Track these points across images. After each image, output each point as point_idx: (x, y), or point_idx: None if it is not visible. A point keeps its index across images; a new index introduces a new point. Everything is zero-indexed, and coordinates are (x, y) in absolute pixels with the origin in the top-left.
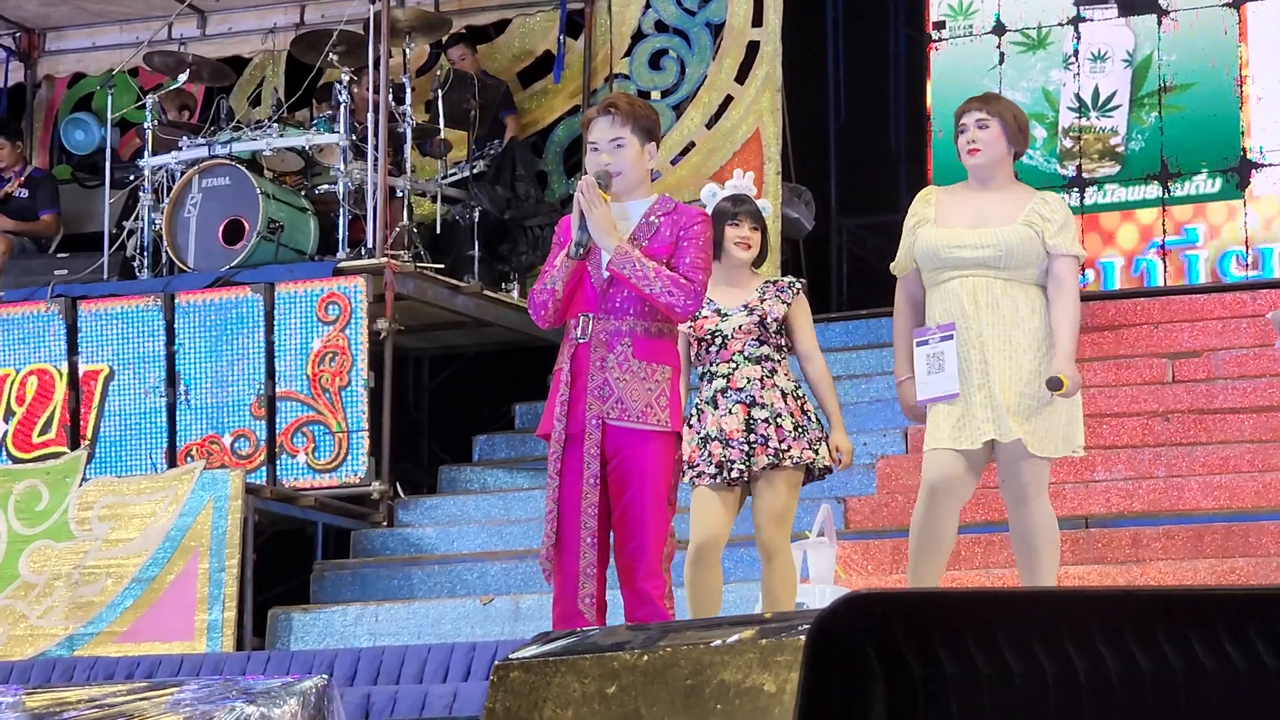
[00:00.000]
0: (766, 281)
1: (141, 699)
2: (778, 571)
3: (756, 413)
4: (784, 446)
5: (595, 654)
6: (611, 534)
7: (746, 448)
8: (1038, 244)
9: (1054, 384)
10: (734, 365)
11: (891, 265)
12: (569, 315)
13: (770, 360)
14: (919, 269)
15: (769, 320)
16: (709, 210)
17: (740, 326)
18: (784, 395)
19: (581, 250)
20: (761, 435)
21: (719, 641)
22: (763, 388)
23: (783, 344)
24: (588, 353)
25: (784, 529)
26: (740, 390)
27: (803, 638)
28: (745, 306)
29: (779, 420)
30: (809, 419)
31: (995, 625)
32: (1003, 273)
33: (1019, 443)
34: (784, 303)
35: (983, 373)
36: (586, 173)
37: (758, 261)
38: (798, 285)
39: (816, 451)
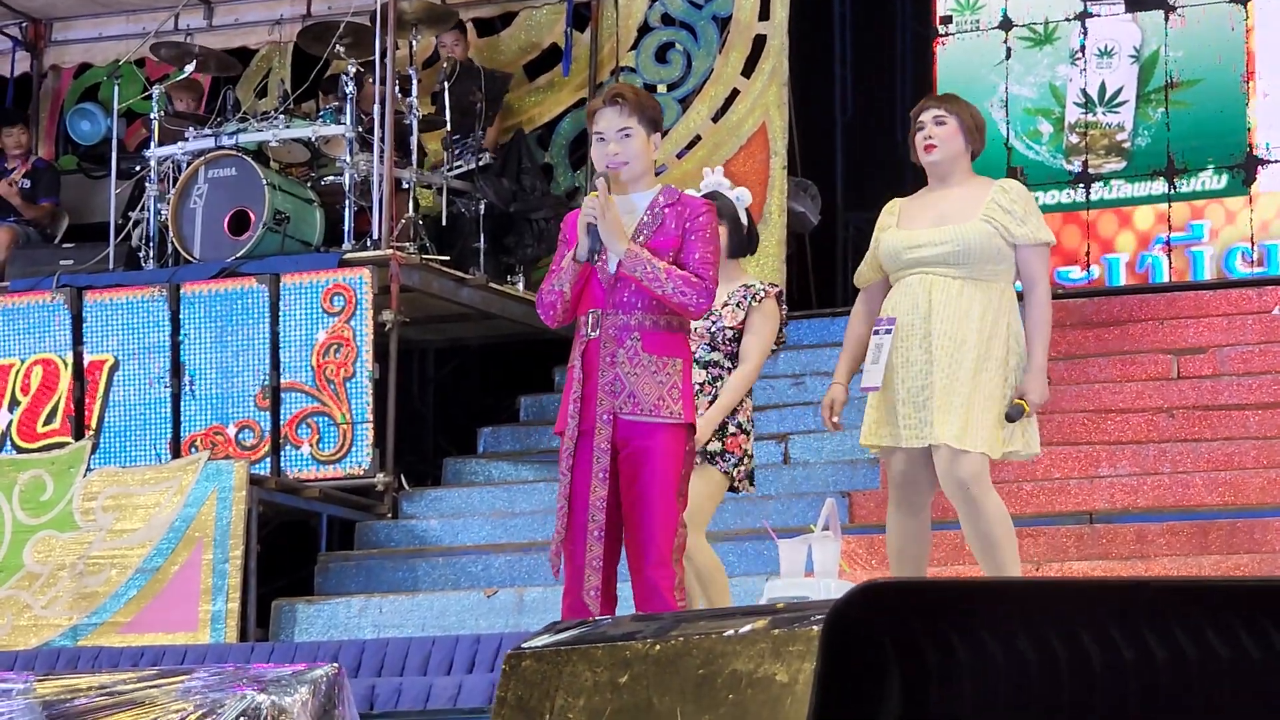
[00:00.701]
0: (745, 285)
1: (152, 686)
2: (692, 564)
3: None
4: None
5: (607, 643)
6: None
7: None
8: (998, 240)
9: (1014, 413)
10: None
11: (854, 277)
12: (578, 313)
13: (718, 367)
14: (882, 280)
15: (717, 329)
16: None
17: (696, 329)
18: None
19: (594, 256)
20: None
21: (731, 631)
22: (700, 393)
23: (737, 352)
24: (598, 349)
25: (692, 525)
26: None
27: (815, 628)
28: (710, 310)
29: None
30: (738, 427)
31: (1009, 614)
32: (961, 269)
33: (946, 445)
34: (742, 310)
35: (925, 373)
36: (593, 163)
37: (739, 252)
38: (763, 293)
39: (712, 461)
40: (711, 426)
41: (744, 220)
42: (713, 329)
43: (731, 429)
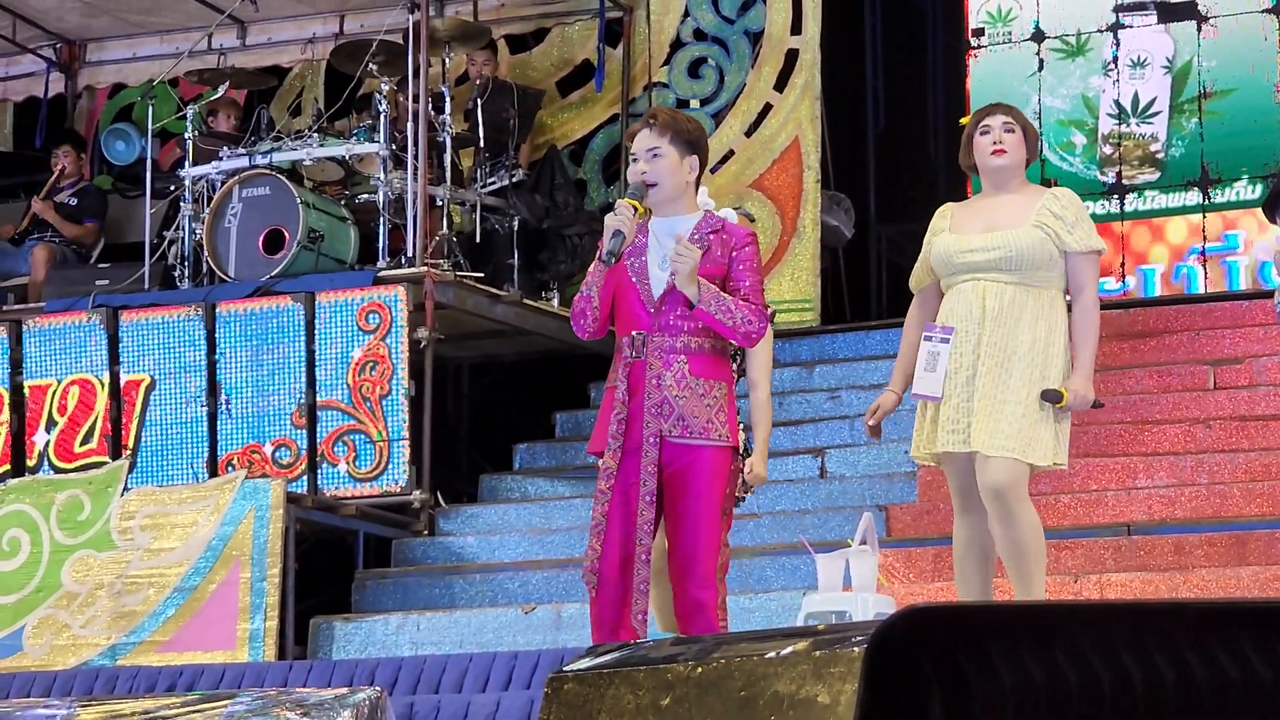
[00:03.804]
0: None
1: (195, 711)
2: None
3: None
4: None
5: (649, 666)
6: (666, 544)
7: None
8: (1050, 245)
9: (1051, 396)
10: None
11: (909, 280)
12: (621, 333)
13: None
14: (935, 283)
15: None
16: None
17: None
18: None
19: (613, 258)
20: None
21: (773, 653)
22: None
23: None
24: (643, 370)
25: None
26: None
27: (856, 649)
28: None
29: None
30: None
31: (1052, 636)
32: (1015, 275)
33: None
34: None
35: (969, 380)
36: (627, 184)
37: None
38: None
39: None
40: (764, 462)
41: None
42: None
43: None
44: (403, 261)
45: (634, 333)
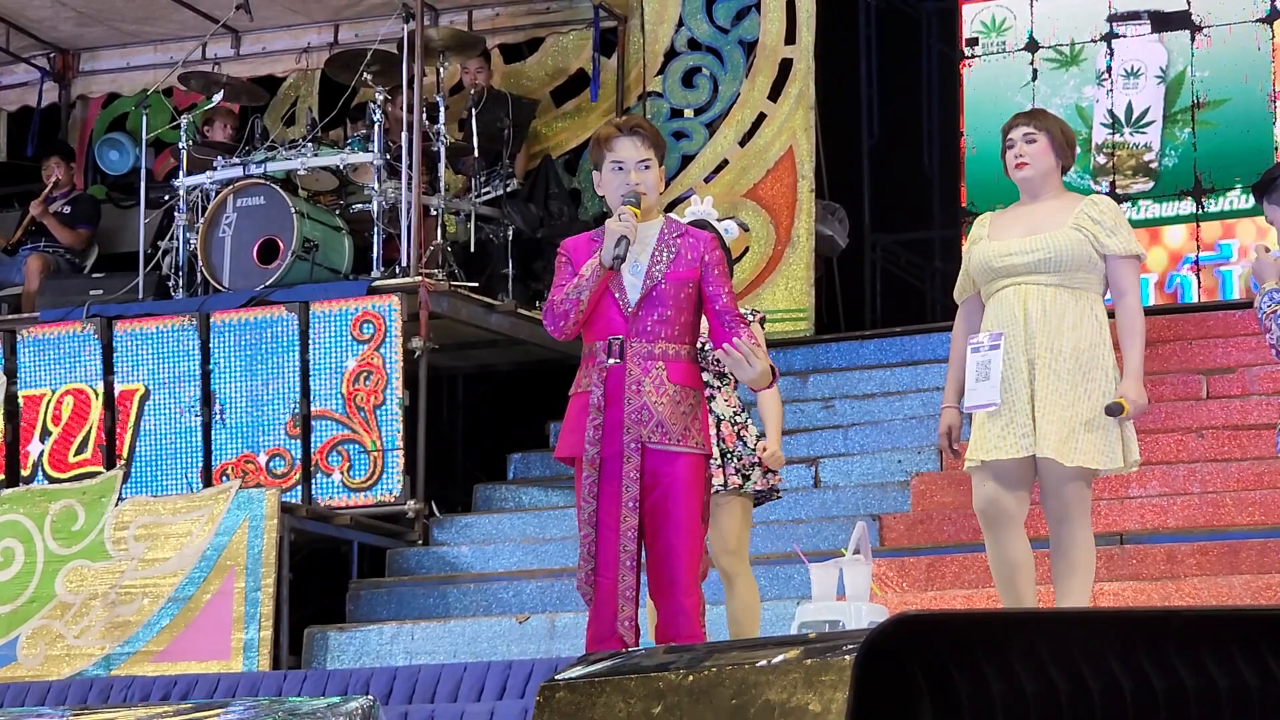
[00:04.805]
0: None
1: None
2: (738, 598)
3: None
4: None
5: (640, 674)
6: (645, 552)
7: None
8: (1089, 248)
9: (1114, 409)
10: None
11: (953, 293)
12: (593, 338)
13: (709, 387)
14: (978, 294)
15: (706, 349)
16: None
17: None
18: (719, 421)
19: (619, 262)
20: None
21: (764, 661)
22: None
23: (725, 370)
24: (621, 376)
25: (738, 555)
26: None
27: (847, 658)
28: None
29: None
30: (744, 445)
31: (1041, 645)
32: (1054, 278)
33: (1051, 459)
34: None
35: (1027, 383)
36: (599, 187)
37: None
38: (751, 316)
39: (746, 477)
40: (778, 446)
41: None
42: (701, 348)
43: (752, 446)
44: (397, 271)
45: (610, 338)
